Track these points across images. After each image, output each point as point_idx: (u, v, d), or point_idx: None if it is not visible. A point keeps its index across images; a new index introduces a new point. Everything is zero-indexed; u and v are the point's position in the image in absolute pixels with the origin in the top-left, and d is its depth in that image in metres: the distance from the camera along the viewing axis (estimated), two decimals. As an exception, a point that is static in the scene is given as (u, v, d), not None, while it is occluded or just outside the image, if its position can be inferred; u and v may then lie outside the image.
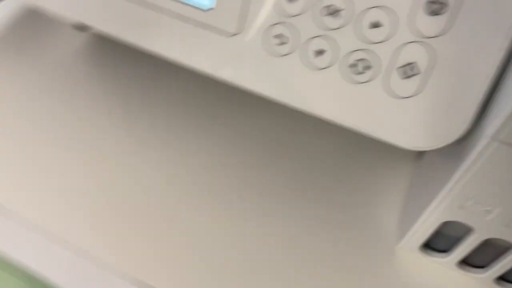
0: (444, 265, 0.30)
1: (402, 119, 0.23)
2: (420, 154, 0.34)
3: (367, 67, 0.22)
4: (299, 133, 0.37)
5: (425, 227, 0.28)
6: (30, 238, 0.32)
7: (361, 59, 0.22)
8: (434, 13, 0.20)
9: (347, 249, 0.31)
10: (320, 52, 0.23)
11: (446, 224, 0.27)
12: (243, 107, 0.38)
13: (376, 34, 0.22)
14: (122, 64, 0.42)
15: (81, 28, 0.43)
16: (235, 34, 0.24)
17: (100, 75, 0.41)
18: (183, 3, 0.25)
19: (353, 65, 0.23)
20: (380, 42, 0.22)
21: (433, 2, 0.20)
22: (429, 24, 0.21)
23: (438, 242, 0.30)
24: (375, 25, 0.22)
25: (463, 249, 0.28)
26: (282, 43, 0.23)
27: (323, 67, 0.23)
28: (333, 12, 0.22)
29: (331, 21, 0.22)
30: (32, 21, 0.45)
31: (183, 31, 0.26)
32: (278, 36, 0.23)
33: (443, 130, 0.22)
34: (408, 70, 0.22)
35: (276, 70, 0.24)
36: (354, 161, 0.35)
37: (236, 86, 0.26)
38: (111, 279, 0.31)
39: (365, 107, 0.23)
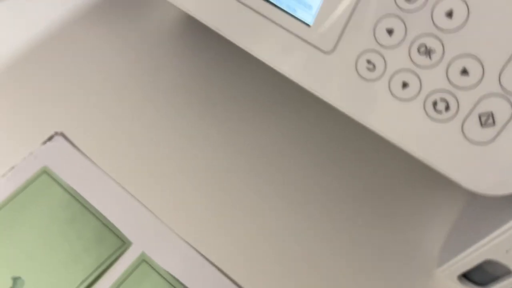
0: (478, 298, 0.32)
1: (470, 162, 0.24)
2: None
3: (447, 108, 0.24)
4: (360, 149, 0.38)
5: (468, 260, 0.29)
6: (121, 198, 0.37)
7: (443, 99, 0.24)
8: (524, 73, 0.22)
9: (388, 264, 0.33)
10: (405, 85, 0.25)
11: (487, 261, 0.29)
12: (313, 115, 0.40)
13: (462, 80, 0.23)
14: (213, 45, 0.45)
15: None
16: (328, 52, 0.26)
17: (188, 51, 0.45)
18: (288, 14, 0.27)
19: (434, 103, 0.24)
20: (464, 88, 0.23)
21: (525, 62, 0.22)
22: (515, 83, 0.22)
23: (476, 275, 0.32)
24: (464, 71, 0.23)
25: (498, 288, 0.30)
26: (372, 69, 0.25)
27: (406, 99, 0.25)
28: (426, 52, 0.24)
29: (422, 59, 0.24)
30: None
31: (279, 37, 0.28)
32: (369, 61, 0.25)
33: (507, 180, 0.24)
34: (485, 120, 0.23)
35: (361, 93, 0.26)
36: (409, 183, 0.36)
37: (317, 97, 0.28)
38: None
39: (438, 144, 0.25)
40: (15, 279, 0.33)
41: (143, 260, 0.34)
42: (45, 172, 0.37)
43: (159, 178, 0.38)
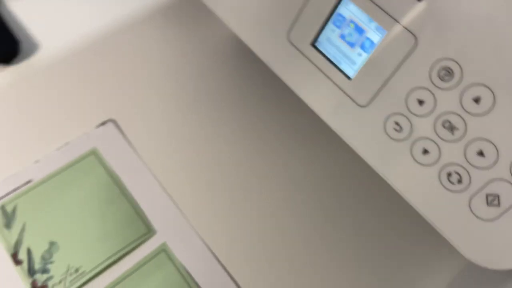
0: None
1: (472, 234, 0.26)
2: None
3: (460, 181, 0.26)
4: (375, 196, 0.40)
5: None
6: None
7: (457, 173, 0.26)
8: (533, 169, 0.23)
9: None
10: (426, 151, 0.27)
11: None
12: (339, 155, 0.43)
13: (477, 160, 0.25)
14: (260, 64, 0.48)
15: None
16: (362, 106, 0.29)
17: (239, 64, 0.48)
18: (333, 64, 0.30)
19: (449, 174, 0.26)
20: (478, 168, 0.25)
21: (537, 158, 0.23)
22: (525, 175, 0.24)
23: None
24: (480, 153, 0.25)
25: None
26: (398, 131, 0.28)
27: (424, 164, 0.27)
28: (450, 128, 0.26)
29: (445, 133, 0.26)
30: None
31: (320, 81, 0.31)
32: (397, 123, 0.28)
33: (502, 257, 0.26)
34: (491, 200, 0.25)
35: (384, 149, 0.28)
36: (413, 241, 0.38)
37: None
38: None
39: (445, 211, 0.27)
40: (52, 243, 0.37)
41: (163, 250, 0.38)
42: (94, 153, 0.42)
43: (193, 178, 0.41)
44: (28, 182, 0.40)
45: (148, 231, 0.39)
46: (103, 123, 0.43)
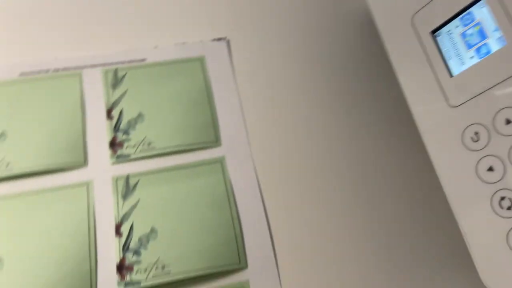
0: None
1: (498, 262, 0.26)
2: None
3: (509, 208, 0.26)
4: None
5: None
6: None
7: (511, 200, 0.26)
8: None
9: None
10: (491, 169, 0.27)
11: None
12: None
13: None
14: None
15: None
16: (452, 106, 0.29)
17: (361, 41, 0.49)
18: (442, 57, 0.30)
19: (502, 198, 0.26)
20: (533, 203, 0.25)
21: None
22: None
23: None
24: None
25: None
26: (475, 141, 0.28)
27: (484, 181, 0.27)
28: (525, 155, 0.26)
29: (517, 159, 0.26)
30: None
31: (423, 71, 0.31)
32: (476, 133, 0.28)
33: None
34: (532, 237, 0.25)
35: (453, 152, 0.29)
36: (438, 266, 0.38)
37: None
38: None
39: (483, 230, 0.27)
40: (140, 114, 0.43)
41: (220, 161, 0.42)
42: (200, 60, 0.46)
43: (275, 119, 0.44)
44: (143, 60, 0.45)
45: (216, 141, 0.43)
46: (219, 39, 0.47)
